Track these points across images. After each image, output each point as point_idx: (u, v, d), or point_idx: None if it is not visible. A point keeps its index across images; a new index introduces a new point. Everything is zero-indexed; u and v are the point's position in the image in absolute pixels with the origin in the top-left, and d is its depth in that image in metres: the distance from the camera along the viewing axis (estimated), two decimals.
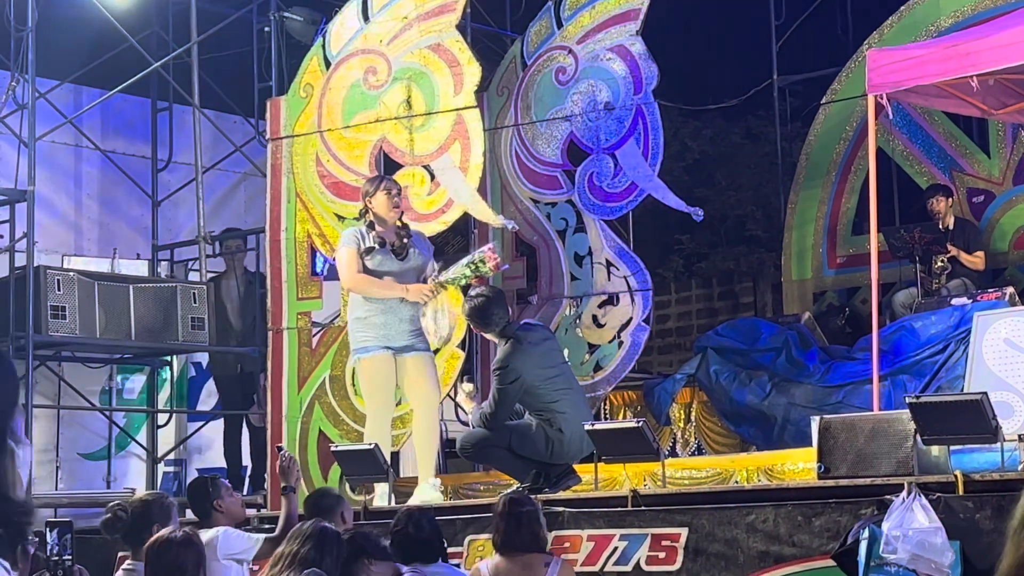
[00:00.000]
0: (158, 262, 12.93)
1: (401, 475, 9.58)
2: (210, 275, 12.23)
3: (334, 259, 10.28)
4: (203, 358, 12.56)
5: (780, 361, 10.72)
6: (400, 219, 8.93)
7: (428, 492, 8.63)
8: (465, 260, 8.73)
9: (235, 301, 11.82)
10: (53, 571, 4.58)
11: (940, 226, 11.19)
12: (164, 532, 5.67)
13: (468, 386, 8.56)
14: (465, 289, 8.72)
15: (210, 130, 12.74)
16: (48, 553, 4.58)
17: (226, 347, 12.00)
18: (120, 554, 6.79)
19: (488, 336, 8.50)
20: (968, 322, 9.37)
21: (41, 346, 10.69)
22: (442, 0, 9.85)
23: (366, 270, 8.80)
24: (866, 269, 10.45)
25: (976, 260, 11.15)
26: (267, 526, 7.64)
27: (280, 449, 7.42)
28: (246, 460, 11.78)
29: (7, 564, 2.23)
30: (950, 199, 11.49)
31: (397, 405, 9.73)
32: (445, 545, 6.86)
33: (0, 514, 2.21)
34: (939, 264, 11.04)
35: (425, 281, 8.78)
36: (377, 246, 8.78)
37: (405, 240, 8.87)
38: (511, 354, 8.12)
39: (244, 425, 11.76)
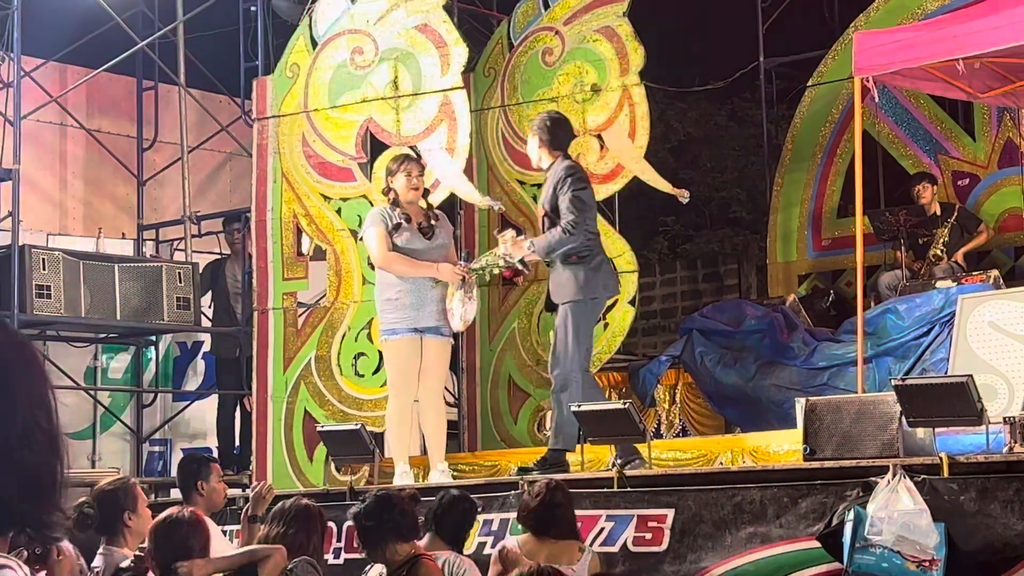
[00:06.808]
0: (143, 242, 12.91)
1: (385, 456, 9.59)
2: (213, 257, 12.20)
3: (313, 240, 10.27)
4: (187, 338, 12.55)
5: (765, 343, 10.74)
6: (425, 199, 8.97)
7: (438, 478, 8.65)
8: (499, 249, 8.76)
9: (236, 284, 11.78)
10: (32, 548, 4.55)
11: (927, 212, 11.22)
12: (172, 511, 5.64)
13: (509, 233, 8.68)
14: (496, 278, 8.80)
15: (196, 110, 12.72)
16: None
17: (207, 328, 11.99)
18: None
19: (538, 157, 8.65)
20: (953, 305, 9.40)
21: (26, 325, 10.66)
22: None
23: (395, 248, 8.81)
24: (851, 252, 10.48)
25: (980, 239, 11.30)
26: None
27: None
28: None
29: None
30: (934, 186, 11.55)
31: (381, 387, 9.73)
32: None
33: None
34: (934, 253, 11.10)
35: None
36: (404, 222, 8.79)
37: (431, 220, 8.89)
38: (572, 166, 8.47)
39: (237, 407, 11.75)
